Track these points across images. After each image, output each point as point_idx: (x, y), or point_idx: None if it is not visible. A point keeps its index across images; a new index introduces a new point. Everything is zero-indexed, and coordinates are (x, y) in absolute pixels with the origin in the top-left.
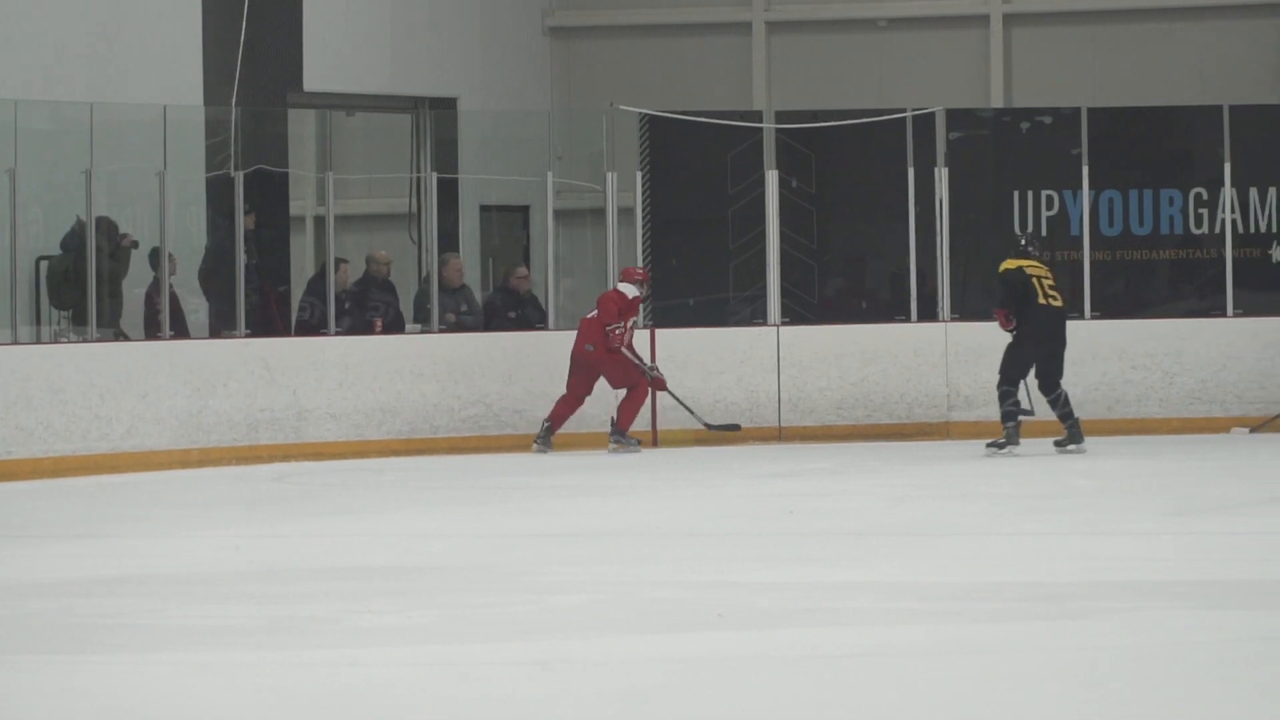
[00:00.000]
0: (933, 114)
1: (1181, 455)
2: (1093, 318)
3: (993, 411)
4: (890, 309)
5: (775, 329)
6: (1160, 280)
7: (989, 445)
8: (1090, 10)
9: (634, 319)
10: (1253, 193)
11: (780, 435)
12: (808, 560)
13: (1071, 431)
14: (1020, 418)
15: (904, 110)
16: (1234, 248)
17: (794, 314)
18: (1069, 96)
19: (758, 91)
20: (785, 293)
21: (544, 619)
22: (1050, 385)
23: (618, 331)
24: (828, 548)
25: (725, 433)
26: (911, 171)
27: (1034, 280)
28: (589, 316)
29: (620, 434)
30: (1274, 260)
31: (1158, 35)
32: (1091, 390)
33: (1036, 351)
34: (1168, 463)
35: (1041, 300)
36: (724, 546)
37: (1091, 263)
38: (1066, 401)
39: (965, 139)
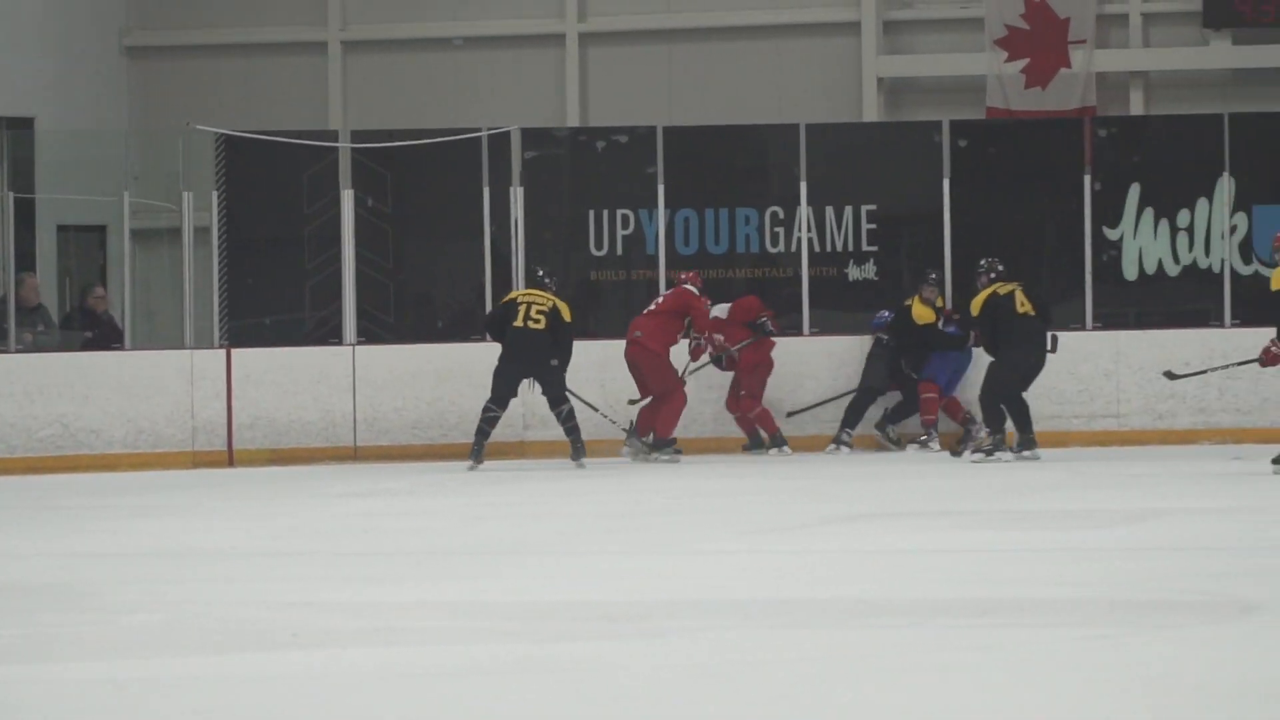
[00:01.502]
0: (508, 133)
1: (758, 474)
2: None
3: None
4: (465, 328)
5: (351, 349)
6: (737, 299)
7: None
8: (665, 29)
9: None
10: (829, 211)
11: (356, 455)
12: (381, 580)
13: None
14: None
15: (479, 129)
16: (810, 266)
17: (370, 333)
18: (645, 115)
19: (334, 111)
20: (361, 312)
21: (116, 638)
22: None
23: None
24: (402, 567)
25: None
26: (487, 191)
27: (1007, 298)
28: (647, 311)
29: (662, 442)
30: (850, 279)
31: (733, 54)
32: None
33: (1023, 361)
34: (745, 481)
35: (1020, 310)
36: (298, 566)
37: (667, 282)
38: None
39: (541, 158)
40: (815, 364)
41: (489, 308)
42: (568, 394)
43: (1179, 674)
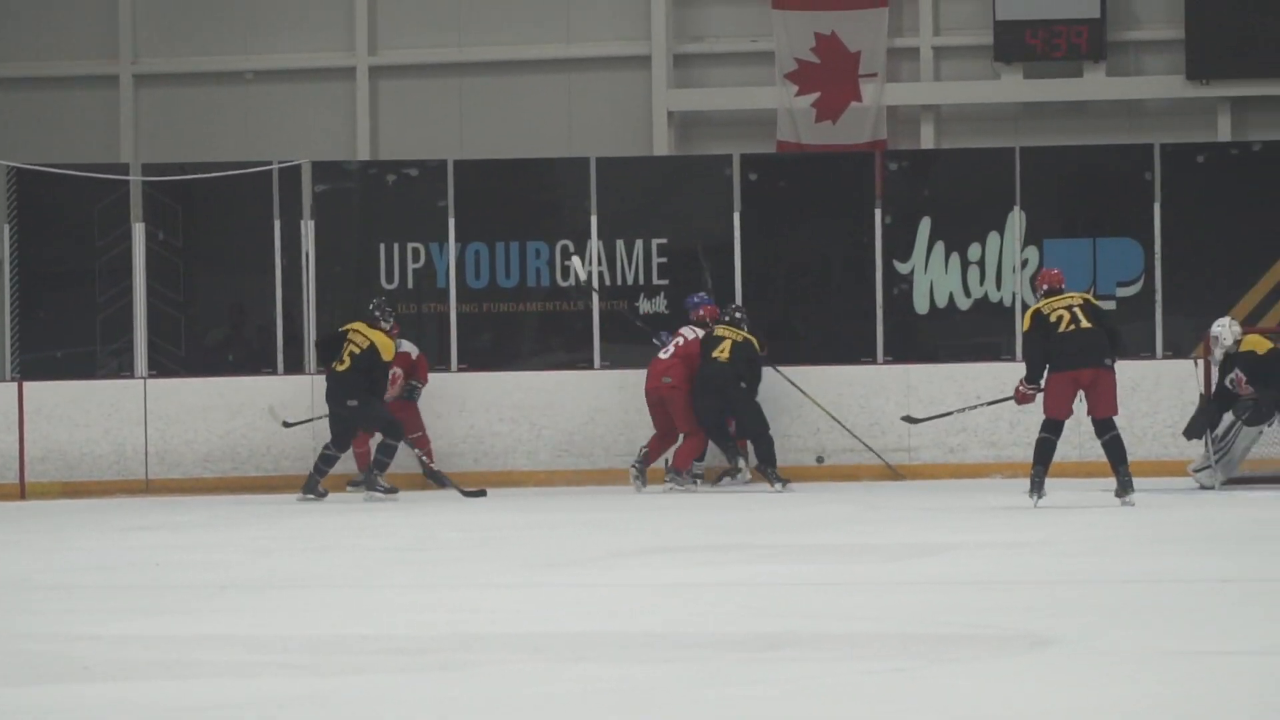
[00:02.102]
0: (299, 166)
1: (550, 508)
2: (460, 370)
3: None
4: (257, 362)
5: (142, 381)
6: (528, 333)
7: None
8: (456, 63)
9: None
10: (619, 245)
11: (148, 488)
12: (173, 612)
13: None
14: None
15: (270, 163)
16: (601, 300)
17: (161, 366)
18: (435, 149)
19: (125, 144)
20: (153, 345)
21: None
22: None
23: None
24: (192, 600)
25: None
26: (278, 224)
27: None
28: (662, 356)
29: (677, 472)
30: (640, 312)
31: (524, 87)
32: (458, 443)
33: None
34: (537, 515)
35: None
36: (90, 599)
37: (459, 315)
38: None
39: (332, 191)
40: (606, 397)
41: (280, 341)
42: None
43: (974, 708)
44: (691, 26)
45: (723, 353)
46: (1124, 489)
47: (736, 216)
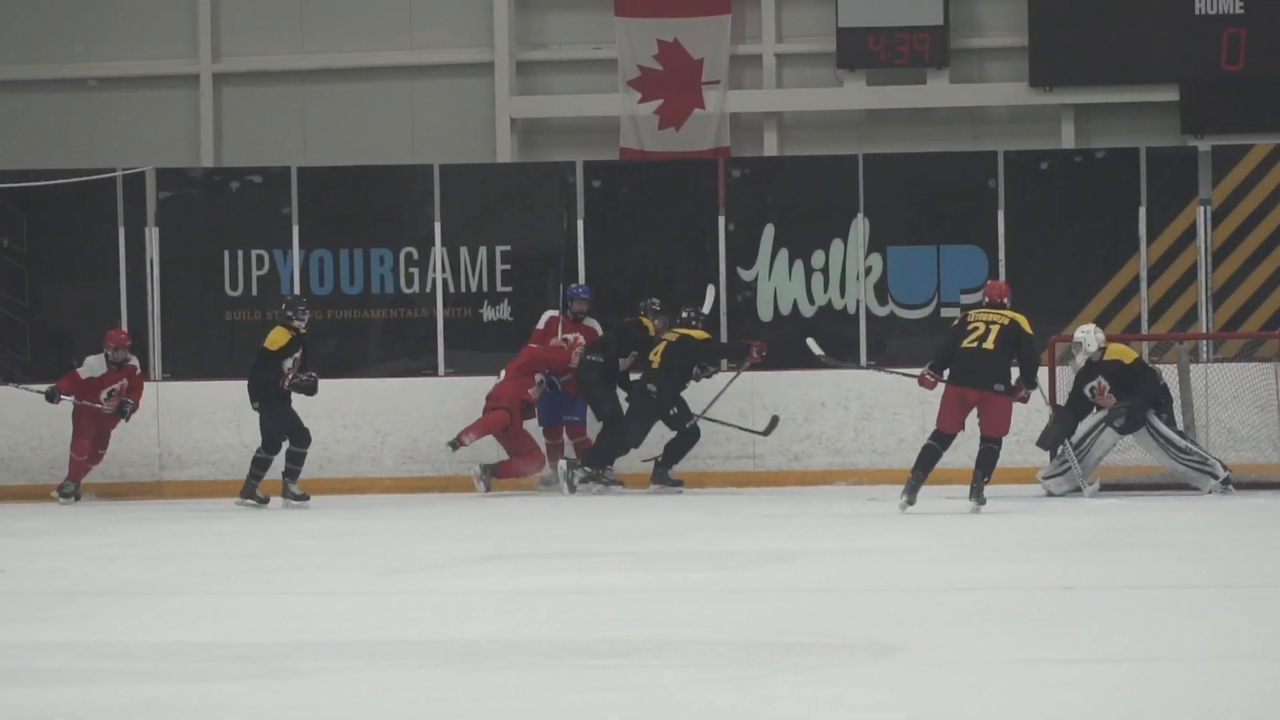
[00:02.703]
0: (143, 173)
1: (394, 514)
2: None
3: (204, 471)
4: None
5: None
6: (373, 339)
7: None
8: (299, 70)
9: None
10: (463, 252)
11: None
12: (13, 620)
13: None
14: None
15: (114, 170)
16: (445, 307)
17: (6, 373)
18: (279, 156)
19: None
20: None
21: None
22: None
23: None
24: (38, 607)
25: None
26: (122, 231)
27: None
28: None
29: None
30: (484, 319)
31: (367, 94)
32: None
33: None
34: (381, 522)
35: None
36: None
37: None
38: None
39: (176, 198)
40: (451, 404)
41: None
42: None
43: (815, 716)
44: (534, 33)
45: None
46: (975, 495)
47: (580, 223)
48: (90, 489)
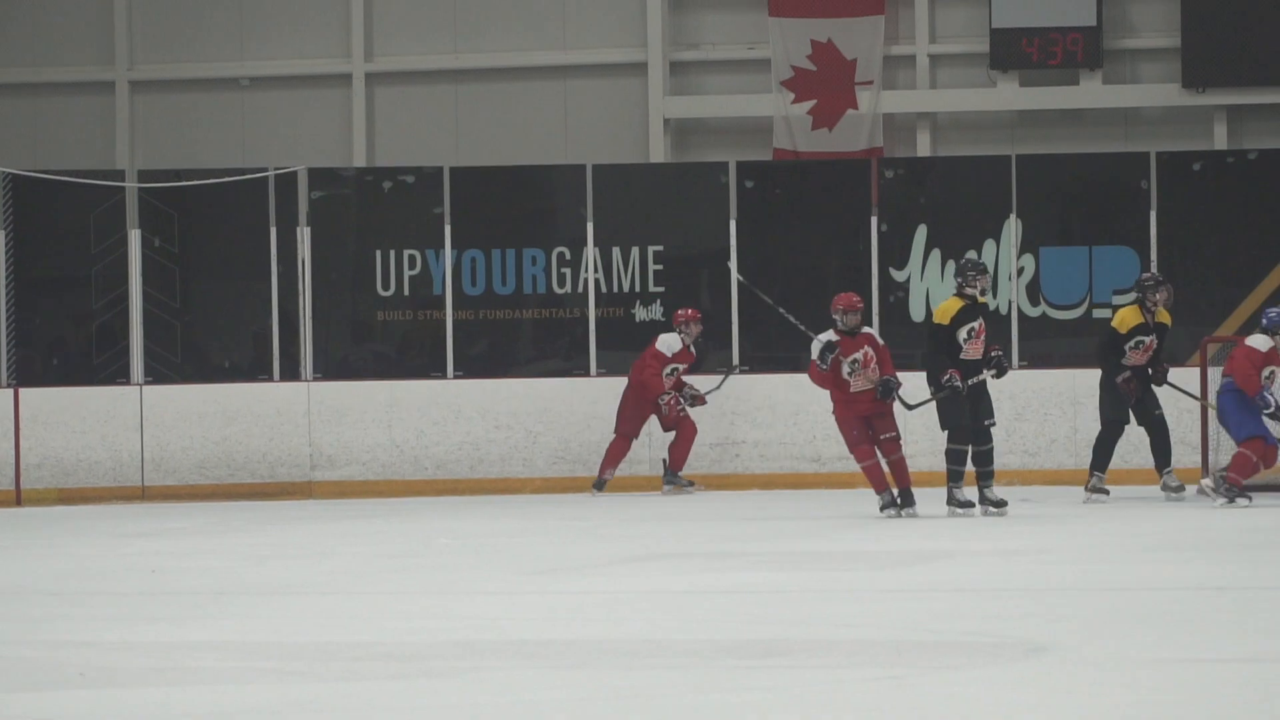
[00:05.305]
0: (295, 173)
1: (544, 515)
2: (456, 377)
3: (354, 471)
4: (254, 368)
5: (138, 388)
6: (525, 339)
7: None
8: (452, 69)
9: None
10: (615, 252)
11: (144, 495)
12: (168, 619)
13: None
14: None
15: (266, 170)
16: (597, 307)
17: (157, 373)
18: (431, 156)
19: (121, 150)
20: (149, 352)
21: None
22: None
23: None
24: (189, 607)
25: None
26: (274, 231)
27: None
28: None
29: (673, 475)
30: (636, 320)
31: (520, 94)
32: (454, 450)
33: None
34: (530, 522)
35: None
36: (84, 605)
37: (455, 322)
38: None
39: (328, 198)
40: (603, 404)
41: (276, 348)
42: None
43: (966, 715)
44: (688, 34)
45: None
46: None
47: (732, 224)
48: (240, 489)
